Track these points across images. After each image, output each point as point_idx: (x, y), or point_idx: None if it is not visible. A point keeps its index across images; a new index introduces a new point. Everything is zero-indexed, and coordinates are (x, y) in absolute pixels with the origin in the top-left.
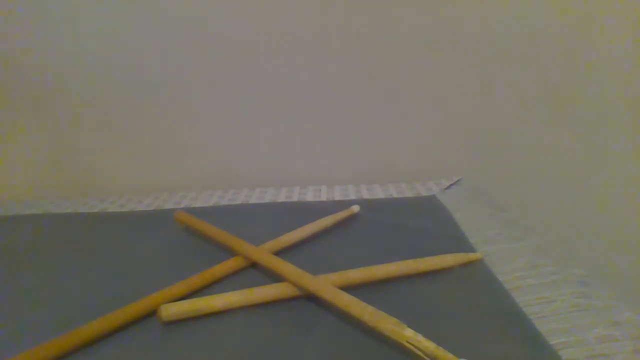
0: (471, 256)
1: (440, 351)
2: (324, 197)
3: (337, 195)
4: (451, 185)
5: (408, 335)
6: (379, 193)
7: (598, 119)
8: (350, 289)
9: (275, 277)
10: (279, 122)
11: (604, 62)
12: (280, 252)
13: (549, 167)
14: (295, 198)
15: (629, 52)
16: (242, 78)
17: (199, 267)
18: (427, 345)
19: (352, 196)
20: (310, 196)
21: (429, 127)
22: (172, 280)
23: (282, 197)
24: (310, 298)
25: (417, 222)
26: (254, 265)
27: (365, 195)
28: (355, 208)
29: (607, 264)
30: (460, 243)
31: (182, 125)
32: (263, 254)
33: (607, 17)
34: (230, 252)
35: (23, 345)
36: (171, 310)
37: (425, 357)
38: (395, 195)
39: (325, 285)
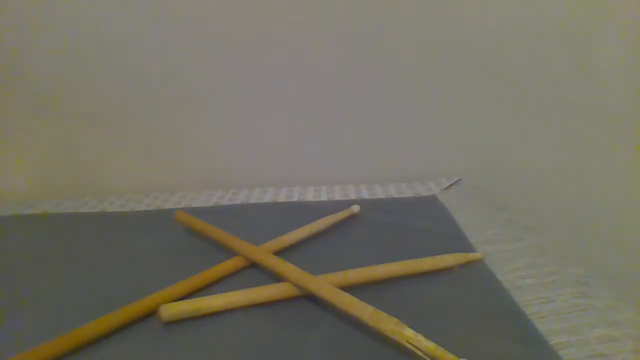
0: (471, 256)
1: (440, 351)
2: (324, 197)
3: (337, 195)
4: (451, 185)
5: (408, 335)
6: (379, 193)
7: (598, 119)
8: (350, 289)
9: (275, 277)
10: (279, 122)
11: (604, 62)
12: (280, 252)
13: (549, 167)
14: (295, 198)
15: (629, 51)
16: (242, 78)
17: (199, 267)
18: (427, 345)
19: (352, 196)
20: (310, 196)
21: (429, 127)
22: (172, 280)
23: (282, 197)
24: (310, 298)
25: (417, 222)
26: (254, 265)
27: (365, 195)
28: (355, 208)
29: (607, 264)
30: (460, 243)
31: (182, 125)
32: (263, 254)
33: (607, 16)
34: (230, 252)
35: (23, 345)
36: (171, 310)
37: (425, 357)
38: (395, 195)
39: (325, 285)
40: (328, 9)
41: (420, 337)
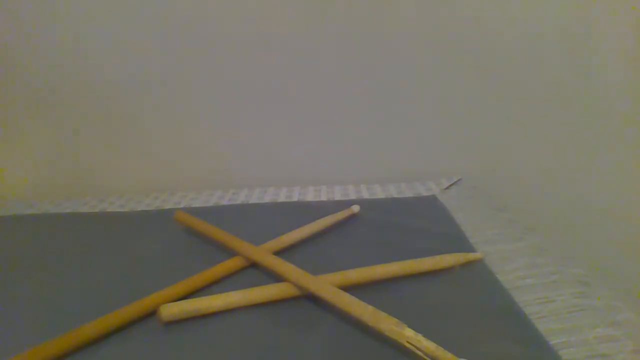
0: (471, 256)
1: (440, 351)
2: (324, 197)
3: (337, 195)
4: (451, 185)
5: (408, 335)
6: (379, 193)
7: (598, 119)
8: (350, 289)
9: (275, 277)
10: (279, 122)
11: (604, 62)
12: (280, 252)
13: (549, 167)
14: (295, 198)
15: (629, 51)
16: (242, 78)
17: (199, 267)
18: (427, 345)
19: (352, 196)
20: (310, 196)
21: (429, 127)
22: (172, 280)
23: (282, 197)
24: (310, 298)
25: (417, 222)
26: (254, 265)
27: (365, 195)
28: (355, 208)
29: (607, 264)
30: (460, 243)
31: (182, 125)
32: (263, 254)
33: (607, 16)
34: (230, 252)
35: (23, 345)
36: (171, 310)
37: (425, 357)
38: (395, 195)
39: (325, 285)
40: (328, 9)
41: (420, 337)
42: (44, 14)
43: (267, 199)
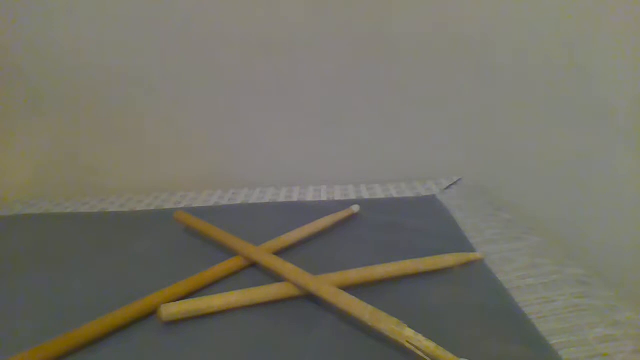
0: (471, 256)
1: (440, 351)
2: (324, 197)
3: (337, 195)
4: (451, 185)
5: (408, 335)
6: (379, 193)
7: (598, 119)
8: (350, 289)
9: (275, 277)
10: (279, 122)
11: (603, 62)
12: (280, 252)
13: (548, 167)
14: (295, 198)
15: (629, 51)
16: (242, 78)
17: (199, 267)
18: (427, 345)
19: (352, 196)
20: (310, 196)
21: (429, 127)
22: (172, 280)
23: (282, 197)
24: (310, 298)
25: (417, 222)
26: (254, 265)
27: (365, 195)
28: (355, 208)
29: (607, 264)
30: (460, 243)
31: (182, 125)
32: (263, 254)
33: (607, 16)
34: (230, 252)
35: (22, 345)
36: (171, 310)
37: (425, 357)
38: (395, 195)
39: (325, 285)
40: (328, 9)
41: (420, 337)
42: (43, 14)
43: (267, 199)
